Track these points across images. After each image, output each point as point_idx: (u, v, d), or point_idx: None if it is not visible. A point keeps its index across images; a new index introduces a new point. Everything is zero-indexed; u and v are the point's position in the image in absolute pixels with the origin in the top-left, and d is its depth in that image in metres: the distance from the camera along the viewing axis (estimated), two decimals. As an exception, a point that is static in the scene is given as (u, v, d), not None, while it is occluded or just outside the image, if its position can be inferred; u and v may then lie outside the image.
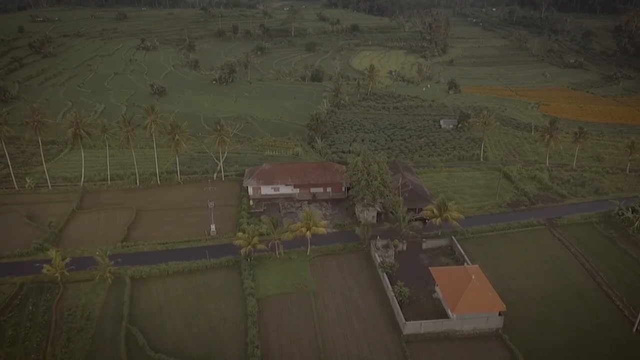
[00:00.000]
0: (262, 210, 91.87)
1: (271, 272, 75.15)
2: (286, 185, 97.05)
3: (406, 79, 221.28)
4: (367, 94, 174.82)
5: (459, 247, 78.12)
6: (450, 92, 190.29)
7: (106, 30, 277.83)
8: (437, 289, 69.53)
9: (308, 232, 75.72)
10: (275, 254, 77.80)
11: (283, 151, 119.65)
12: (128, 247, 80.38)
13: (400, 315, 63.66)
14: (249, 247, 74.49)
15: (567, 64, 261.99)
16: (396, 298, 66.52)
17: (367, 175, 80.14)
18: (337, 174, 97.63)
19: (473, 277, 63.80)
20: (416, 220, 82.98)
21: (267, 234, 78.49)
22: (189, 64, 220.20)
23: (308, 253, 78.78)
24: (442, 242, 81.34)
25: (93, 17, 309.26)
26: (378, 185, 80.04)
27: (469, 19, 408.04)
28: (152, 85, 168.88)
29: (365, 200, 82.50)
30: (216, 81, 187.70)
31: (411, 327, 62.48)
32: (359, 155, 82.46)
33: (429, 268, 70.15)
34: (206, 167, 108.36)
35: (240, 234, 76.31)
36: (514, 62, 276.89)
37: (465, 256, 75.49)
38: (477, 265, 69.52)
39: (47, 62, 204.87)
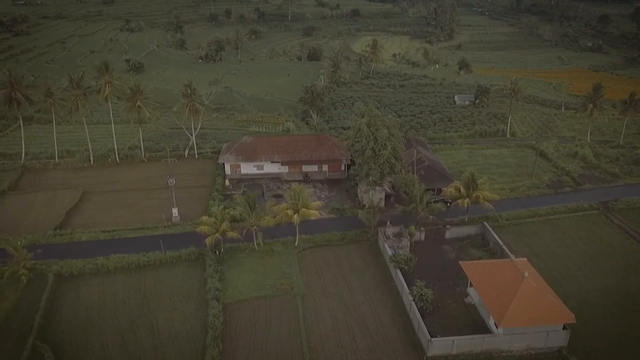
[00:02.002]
0: (241, 192, 73.10)
1: (246, 268, 56.55)
2: (272, 162, 78.40)
3: (411, 62, 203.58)
4: (369, 73, 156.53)
5: (495, 235, 59.41)
6: (461, 72, 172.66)
7: (90, 13, 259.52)
8: (470, 291, 50.90)
9: (296, 216, 57.09)
10: (253, 244, 59.20)
11: (272, 127, 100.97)
12: (61, 235, 61.73)
13: (422, 329, 44.97)
14: (216, 235, 55.91)
15: (584, 47, 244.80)
16: (415, 304, 47.87)
17: (374, 142, 61.43)
18: (335, 149, 78.99)
19: (526, 274, 45.05)
20: (436, 202, 64.40)
21: (241, 219, 59.86)
22: (175, 44, 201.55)
23: (296, 244, 60.22)
24: (470, 229, 62.64)
25: (79, 1, 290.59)
26: (388, 156, 61.34)
27: (474, 8, 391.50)
28: (128, 61, 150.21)
29: (371, 177, 63.84)
30: (202, 59, 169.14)
31: (439, 346, 43.83)
32: (363, 117, 63.71)
33: (460, 263, 51.37)
34: (177, 143, 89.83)
35: (205, 218, 57.63)
36: (526, 47, 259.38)
37: (505, 247, 56.79)
38: (524, 259, 50.79)
39: (17, 40, 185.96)
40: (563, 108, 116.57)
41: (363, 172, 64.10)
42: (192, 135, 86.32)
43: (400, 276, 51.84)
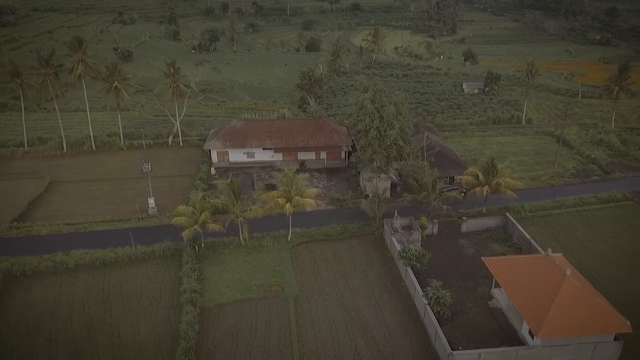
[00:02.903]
0: (229, 182, 64.62)
1: (230, 266, 48.32)
2: (264, 149, 70.22)
3: (414, 55, 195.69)
4: (371, 63, 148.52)
5: (520, 228, 51.18)
6: (467, 63, 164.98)
7: (83, 5, 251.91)
8: (495, 292, 42.70)
9: (288, 206, 48.86)
10: (239, 238, 51.00)
11: (266, 114, 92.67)
12: (18, 228, 53.48)
13: (441, 339, 36.70)
14: (195, 228, 47.69)
15: (593, 40, 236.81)
16: (431, 308, 39.66)
17: (380, 121, 53.23)
18: (334, 135, 70.83)
19: (568, 272, 36.79)
20: (450, 191, 56.25)
21: (225, 210, 51.74)
22: (167, 35, 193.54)
23: (289, 238, 52.03)
24: (490, 222, 54.41)
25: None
26: (395, 137, 53.12)
27: (476, 5, 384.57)
28: (115, 49, 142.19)
29: (375, 163, 55.68)
30: (195, 49, 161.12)
31: (462, 361, 35.58)
32: (366, 92, 55.48)
33: (483, 259, 43.06)
34: (160, 130, 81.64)
35: (182, 207, 49.38)
36: (532, 41, 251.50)
37: (533, 241, 48.60)
38: (560, 254, 42.49)
39: (3, 31, 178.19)
40: (580, 96, 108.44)
41: (366, 157, 55.92)
42: (176, 121, 78.12)
43: (412, 275, 43.60)
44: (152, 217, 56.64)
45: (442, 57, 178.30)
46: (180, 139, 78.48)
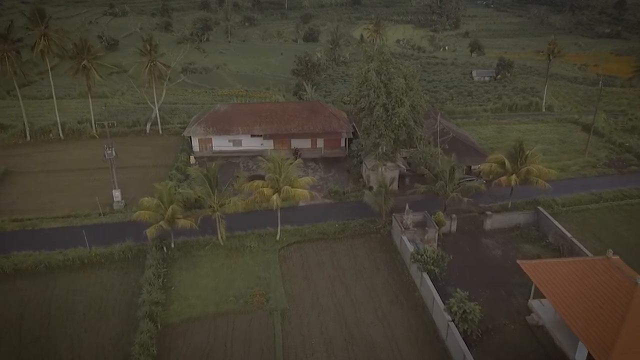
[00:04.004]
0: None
1: (204, 271, 39.47)
2: (252, 136, 61.49)
3: (416, 47, 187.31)
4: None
5: (558, 224, 42.36)
6: (474, 54, 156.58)
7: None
8: (534, 304, 33.90)
9: (276, 197, 40.00)
10: (217, 238, 42.18)
11: (257, 101, 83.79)
12: (-47, 226, 44.70)
13: (471, 368, 27.86)
14: (160, 224, 38.87)
15: (602, 34, 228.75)
16: (456, 326, 30.81)
17: (387, 97, 44.46)
18: (332, 120, 62.12)
19: (639, 281, 27.95)
20: (470, 181, 47.48)
21: (200, 204, 43.06)
22: (159, 26, 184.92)
23: (278, 237, 43.20)
24: (519, 217, 45.58)
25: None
26: (405, 116, 44.34)
27: (478, 1, 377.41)
28: (100, 37, 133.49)
29: (381, 148, 46.94)
30: (187, 40, 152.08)
31: (500, 399, 26.67)
32: (371, 61, 46.66)
33: (519, 262, 34.11)
34: (138, 117, 73.02)
35: (146, 199, 40.53)
36: (538, 35, 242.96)
37: (576, 241, 39.78)
38: (617, 257, 33.58)
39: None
40: (601, 84, 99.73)
41: (370, 141, 47.12)
42: (154, 106, 69.34)
43: (429, 283, 34.76)
44: (116, 213, 47.84)
45: (446, 47, 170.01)
46: (160, 126, 69.76)
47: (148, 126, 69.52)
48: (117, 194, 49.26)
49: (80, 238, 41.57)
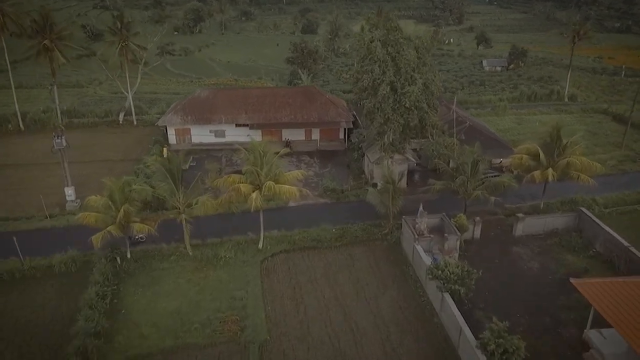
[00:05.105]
0: (187, 168, 47.62)
1: (166, 288, 31.23)
2: (237, 125, 53.32)
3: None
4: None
5: (610, 230, 34.07)
6: (480, 47, 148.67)
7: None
8: (594, 337, 25.58)
9: (255, 196, 31.70)
10: (184, 247, 33.95)
11: (247, 91, 75.69)
12: None
13: None
14: (108, 230, 30.63)
15: (611, 28, 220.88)
16: (494, 371, 22.58)
17: (395, 73, 36.23)
18: (330, 108, 54.00)
19: None
20: (494, 177, 39.30)
21: (161, 205, 34.94)
22: (151, 19, 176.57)
23: (260, 246, 34.95)
24: (557, 221, 37.28)
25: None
26: (417, 97, 36.11)
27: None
28: (84, 27, 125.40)
29: (387, 137, 38.77)
30: (177, 31, 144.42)
31: None
32: (375, 27, 38.42)
33: (572, 281, 25.82)
34: (111, 107, 64.95)
35: (93, 198, 32.32)
36: (545, 30, 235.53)
37: (635, 250, 31.53)
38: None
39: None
40: (624, 74, 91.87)
41: (374, 128, 38.92)
42: (128, 93, 61.21)
43: (453, 308, 26.53)
44: (68, 214, 39.61)
45: (451, 40, 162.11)
46: (134, 116, 61.64)
47: (121, 116, 61.43)
48: (70, 191, 41.16)
49: (13, 246, 33.29)
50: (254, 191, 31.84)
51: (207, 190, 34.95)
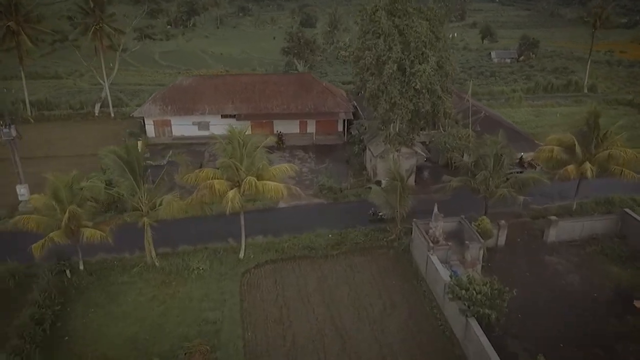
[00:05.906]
0: (165, 163, 41.89)
1: (124, 308, 25.43)
2: (223, 116, 47.56)
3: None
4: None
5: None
6: (485, 41, 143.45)
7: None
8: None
9: (232, 194, 25.87)
10: (149, 257, 28.13)
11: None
12: None
13: None
14: (52, 236, 24.85)
15: (618, 24, 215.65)
16: None
17: (404, 49, 30.48)
18: (327, 97, 48.28)
19: None
20: (519, 173, 33.54)
21: (119, 207, 29.25)
22: (145, 13, 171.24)
23: (242, 255, 29.11)
24: (596, 224, 31.41)
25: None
26: (429, 77, 30.32)
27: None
28: (70, 18, 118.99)
29: (393, 125, 33.00)
30: (171, 25, 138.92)
31: None
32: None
33: (637, 304, 20.02)
34: (87, 98, 59.38)
35: (35, 197, 26.62)
36: (549, 26, 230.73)
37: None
38: None
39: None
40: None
41: (379, 114, 33.09)
42: (104, 82, 55.52)
43: (482, 338, 20.67)
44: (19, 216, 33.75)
45: (455, 35, 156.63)
46: (111, 108, 55.95)
47: (97, 108, 55.81)
48: (22, 190, 35.54)
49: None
50: (231, 189, 26.04)
51: (180, 189, 29.21)
